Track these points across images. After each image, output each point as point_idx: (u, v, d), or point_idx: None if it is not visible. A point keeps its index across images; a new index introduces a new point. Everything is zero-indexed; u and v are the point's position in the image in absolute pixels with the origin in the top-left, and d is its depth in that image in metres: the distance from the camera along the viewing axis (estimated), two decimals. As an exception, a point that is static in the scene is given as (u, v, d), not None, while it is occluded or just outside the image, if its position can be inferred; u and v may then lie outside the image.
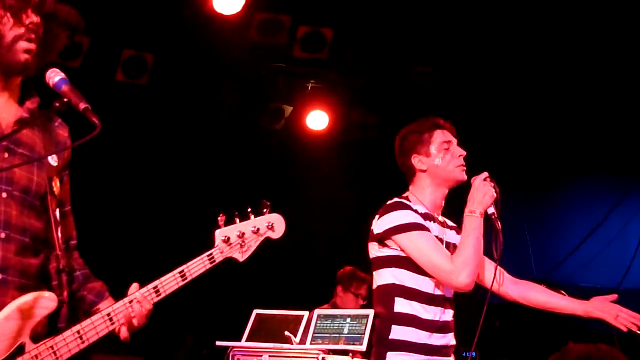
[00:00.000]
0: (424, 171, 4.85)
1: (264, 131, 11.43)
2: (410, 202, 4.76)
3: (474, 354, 9.30)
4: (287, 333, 6.74)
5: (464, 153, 4.86)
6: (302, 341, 6.74)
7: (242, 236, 3.50)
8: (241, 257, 3.53)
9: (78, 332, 3.22)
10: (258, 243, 3.56)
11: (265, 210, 3.60)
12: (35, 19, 3.28)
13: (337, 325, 6.74)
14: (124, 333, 3.33)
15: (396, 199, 4.79)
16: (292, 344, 6.67)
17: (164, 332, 11.18)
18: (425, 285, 4.66)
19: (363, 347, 6.52)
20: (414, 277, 4.65)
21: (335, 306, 8.39)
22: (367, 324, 6.61)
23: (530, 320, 10.16)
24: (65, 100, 3.13)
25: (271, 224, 3.59)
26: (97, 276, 3.58)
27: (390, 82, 10.82)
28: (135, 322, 3.33)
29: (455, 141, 4.90)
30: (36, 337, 3.17)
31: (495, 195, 4.64)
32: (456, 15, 9.54)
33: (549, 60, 9.89)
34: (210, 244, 3.50)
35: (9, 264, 3.20)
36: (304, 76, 11.04)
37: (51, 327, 3.23)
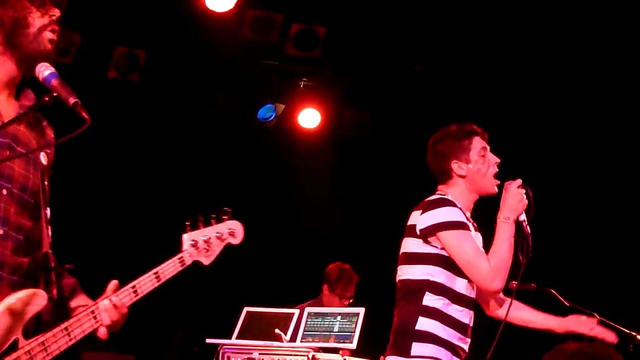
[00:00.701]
0: (463, 177, 4.93)
1: (255, 129, 11.41)
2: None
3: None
4: (277, 330, 6.75)
5: (499, 160, 4.99)
6: (292, 339, 6.75)
7: (208, 241, 3.61)
8: (206, 261, 3.63)
9: (66, 328, 3.24)
10: (221, 248, 3.68)
11: (225, 217, 3.69)
12: (57, 12, 3.37)
13: (328, 323, 6.75)
14: (103, 331, 3.33)
15: (438, 195, 4.87)
16: (282, 342, 6.68)
17: (154, 330, 11.18)
18: (458, 285, 4.73)
19: (353, 345, 6.53)
20: (449, 275, 4.71)
21: (321, 303, 8.38)
22: (357, 322, 6.62)
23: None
24: (55, 94, 3.14)
25: (232, 230, 3.71)
26: (76, 271, 3.61)
27: (384, 81, 10.82)
28: (115, 319, 3.35)
29: (488, 147, 5.00)
30: (26, 333, 3.18)
31: (526, 202, 4.75)
32: (450, 13, 9.55)
33: (542, 58, 9.90)
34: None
35: (5, 260, 3.22)
36: (296, 74, 11.03)
37: (37, 323, 3.24)
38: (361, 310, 6.78)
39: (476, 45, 9.97)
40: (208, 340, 6.87)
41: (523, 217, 4.75)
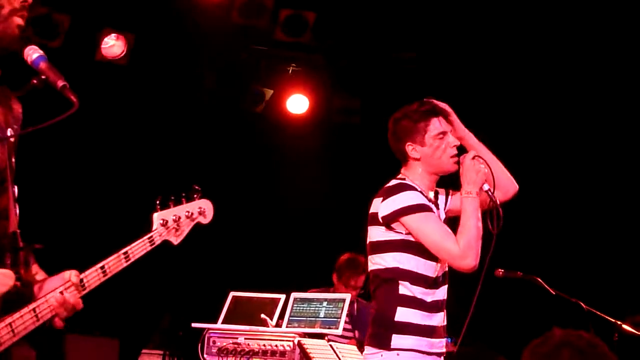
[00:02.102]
0: (417, 159, 4.86)
1: (243, 114, 11.39)
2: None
3: (450, 339, 9.32)
4: (263, 315, 6.75)
5: (458, 143, 4.89)
6: (278, 324, 6.75)
7: (177, 220, 3.59)
8: (175, 241, 3.61)
9: (34, 309, 3.21)
10: (190, 227, 3.66)
11: (196, 196, 3.70)
12: None
13: (314, 308, 6.75)
14: (58, 321, 3.29)
15: (397, 180, 4.83)
16: (268, 327, 6.68)
17: (140, 314, 11.16)
18: (428, 269, 4.72)
19: (339, 331, 6.54)
20: (418, 260, 4.69)
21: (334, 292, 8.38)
22: (343, 308, 6.62)
23: (509, 307, 10.19)
24: (43, 77, 3.13)
25: (202, 209, 3.70)
26: (48, 251, 3.57)
27: (373, 67, 10.80)
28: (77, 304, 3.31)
29: (449, 129, 4.91)
30: None
31: (486, 171, 4.72)
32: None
33: (534, 43, 9.90)
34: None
35: None
36: (285, 59, 11.00)
37: (4, 304, 3.22)
38: (347, 296, 6.78)
39: (466, 31, 9.96)
40: (193, 325, 6.87)
41: (487, 186, 4.72)
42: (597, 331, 6.20)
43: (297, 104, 11.29)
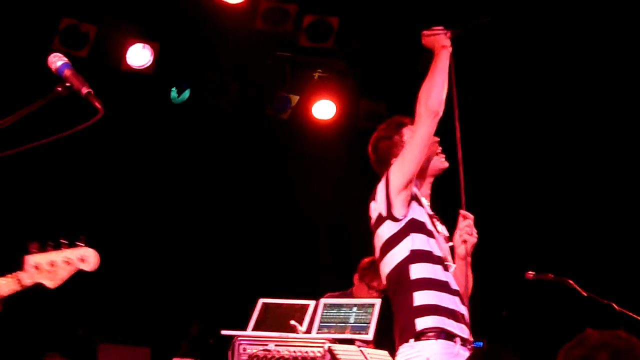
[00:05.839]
0: None
1: (270, 121, 11.38)
2: None
3: (480, 343, 9.28)
4: (292, 322, 6.73)
5: (437, 139, 4.90)
6: (308, 330, 6.73)
7: (52, 265, 3.64)
8: (51, 285, 3.67)
9: None
10: (70, 273, 3.71)
11: (79, 243, 3.75)
12: None
13: (343, 314, 6.73)
14: None
15: None
16: (298, 333, 6.66)
17: (170, 322, 11.20)
18: (434, 246, 4.75)
19: (369, 336, 6.51)
20: (421, 238, 4.75)
21: (351, 294, 8.35)
22: (373, 313, 6.59)
23: (538, 309, 10.13)
24: (68, 84, 3.13)
25: (83, 257, 3.74)
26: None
27: (398, 71, 10.77)
28: None
29: None
30: None
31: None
32: (463, 2, 9.53)
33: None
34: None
35: None
36: (310, 65, 10.99)
37: None
38: (377, 302, 6.75)
39: (490, 33, 9.93)
40: (223, 332, 6.86)
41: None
42: (629, 333, 6.15)
43: (324, 109, 11.25)
